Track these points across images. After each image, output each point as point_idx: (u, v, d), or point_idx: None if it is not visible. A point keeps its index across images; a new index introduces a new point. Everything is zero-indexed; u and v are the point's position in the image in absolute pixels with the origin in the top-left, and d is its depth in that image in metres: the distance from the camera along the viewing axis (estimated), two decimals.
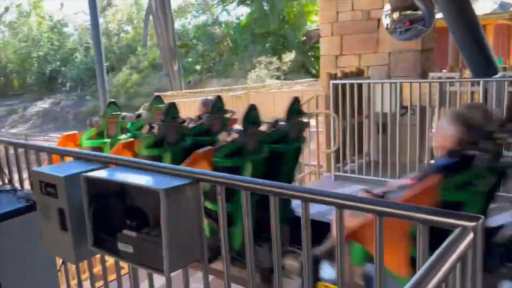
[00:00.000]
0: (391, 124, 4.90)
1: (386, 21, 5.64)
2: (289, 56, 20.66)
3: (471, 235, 0.92)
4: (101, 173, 1.69)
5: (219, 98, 3.93)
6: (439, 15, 5.86)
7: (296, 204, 3.45)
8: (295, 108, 3.57)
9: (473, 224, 0.94)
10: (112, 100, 4.86)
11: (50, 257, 2.13)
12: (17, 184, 2.47)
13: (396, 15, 5.57)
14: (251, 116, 3.27)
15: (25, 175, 2.50)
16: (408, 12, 5.55)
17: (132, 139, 3.88)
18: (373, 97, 5.17)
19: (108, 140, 4.32)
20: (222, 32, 23.35)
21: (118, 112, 4.52)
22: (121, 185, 1.66)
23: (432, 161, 4.96)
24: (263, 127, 3.44)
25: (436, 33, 5.89)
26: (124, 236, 1.59)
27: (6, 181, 2.42)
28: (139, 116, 5.01)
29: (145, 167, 1.68)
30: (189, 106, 12.76)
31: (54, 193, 1.76)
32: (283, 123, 3.49)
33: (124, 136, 4.50)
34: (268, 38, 22.09)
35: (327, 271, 2.55)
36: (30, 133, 17.33)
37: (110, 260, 1.98)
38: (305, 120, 3.69)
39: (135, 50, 25.00)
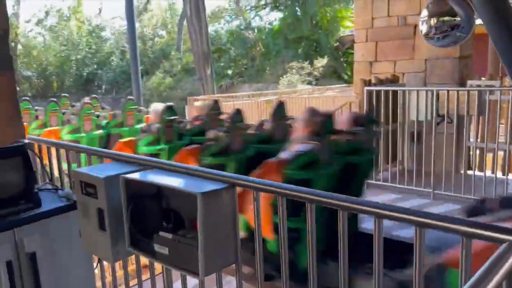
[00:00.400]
0: (426, 133, 4.79)
1: (423, 27, 5.53)
2: (321, 62, 20.56)
3: None
4: (139, 175, 1.73)
5: (281, 104, 3.80)
6: (478, 21, 5.69)
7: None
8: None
9: None
10: (169, 104, 4.93)
11: (87, 255, 2.20)
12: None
13: (433, 21, 5.44)
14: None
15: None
16: (447, 18, 5.42)
17: (196, 145, 3.76)
18: (408, 105, 5.08)
19: (166, 146, 4.40)
20: (254, 37, 23.50)
21: (175, 117, 4.63)
22: (158, 187, 1.69)
23: (469, 172, 4.82)
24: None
25: (475, 40, 5.73)
26: (160, 238, 1.62)
27: (48, 180, 2.51)
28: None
29: (182, 170, 1.71)
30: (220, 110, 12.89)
31: (94, 193, 1.81)
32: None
33: (181, 142, 4.56)
34: (300, 43, 22.05)
35: None
36: None
37: (144, 259, 2.02)
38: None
39: (168, 55, 25.49)
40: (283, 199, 1.43)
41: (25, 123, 5.62)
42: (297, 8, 22.31)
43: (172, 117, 4.53)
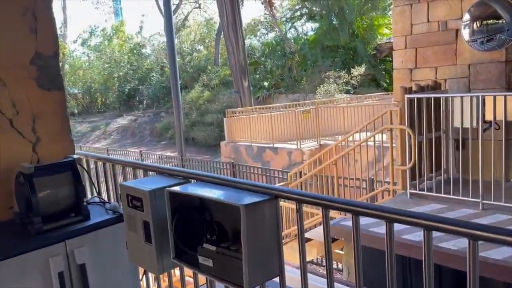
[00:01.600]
0: (472, 140, 4.61)
1: (465, 31, 5.37)
2: (359, 70, 20.31)
3: None
4: (184, 188, 1.76)
5: None
6: None
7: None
8: None
9: None
10: None
11: (134, 266, 2.25)
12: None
13: (476, 25, 5.28)
14: None
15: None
16: (490, 21, 5.25)
17: None
18: (451, 111, 4.92)
19: None
20: (290, 48, 23.58)
21: None
22: (201, 199, 1.72)
23: None
24: None
25: None
26: (204, 250, 1.64)
27: (95, 193, 2.60)
28: None
29: (225, 182, 1.73)
30: (257, 121, 12.98)
31: (140, 206, 1.86)
32: None
33: None
34: (337, 52, 21.92)
35: None
36: (111, 148, 18.55)
37: (187, 269, 2.05)
38: None
39: (206, 69, 26.01)
40: (327, 210, 1.42)
41: None
42: (333, 18, 22.24)
43: None
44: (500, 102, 4.40)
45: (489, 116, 4.56)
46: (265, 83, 22.68)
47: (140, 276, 2.36)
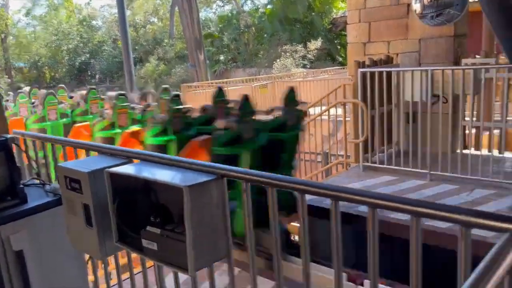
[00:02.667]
0: (421, 113, 4.74)
1: (416, 6, 5.43)
2: (315, 44, 20.35)
3: None
4: (125, 169, 1.66)
5: (220, 90, 4.08)
6: None
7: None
8: (291, 97, 3.64)
9: None
10: (121, 92, 5.54)
11: (77, 251, 2.14)
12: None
13: None
14: (247, 105, 3.35)
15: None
16: None
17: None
18: (402, 85, 5.01)
19: (119, 131, 4.74)
20: (246, 22, 23.21)
21: (127, 103, 5.00)
22: (145, 180, 1.63)
23: (466, 151, 4.78)
24: (260, 116, 3.56)
25: (469, 18, 5.63)
26: (148, 233, 1.57)
27: (35, 175, 2.44)
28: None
29: (169, 162, 1.65)
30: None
31: (78, 188, 1.75)
32: (280, 112, 3.63)
33: (134, 126, 4.93)
34: (294, 26, 21.81)
35: None
36: None
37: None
38: (302, 108, 3.77)
39: (161, 42, 25.20)
40: (273, 189, 1.38)
41: (22, 116, 5.68)
42: None
43: (125, 104, 4.83)
44: (448, 76, 4.51)
45: (437, 90, 4.68)
46: (222, 57, 22.31)
47: (86, 259, 2.26)
